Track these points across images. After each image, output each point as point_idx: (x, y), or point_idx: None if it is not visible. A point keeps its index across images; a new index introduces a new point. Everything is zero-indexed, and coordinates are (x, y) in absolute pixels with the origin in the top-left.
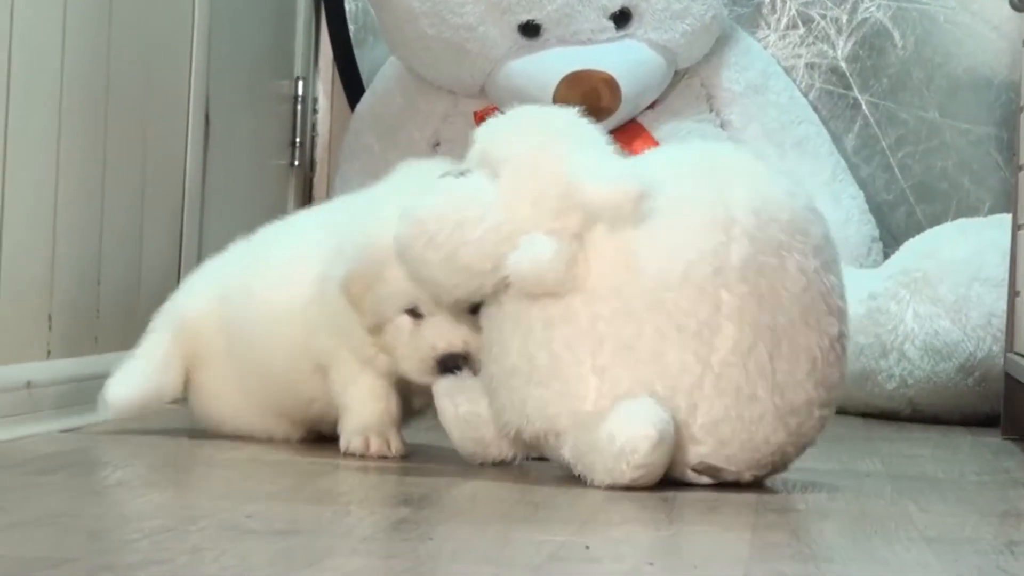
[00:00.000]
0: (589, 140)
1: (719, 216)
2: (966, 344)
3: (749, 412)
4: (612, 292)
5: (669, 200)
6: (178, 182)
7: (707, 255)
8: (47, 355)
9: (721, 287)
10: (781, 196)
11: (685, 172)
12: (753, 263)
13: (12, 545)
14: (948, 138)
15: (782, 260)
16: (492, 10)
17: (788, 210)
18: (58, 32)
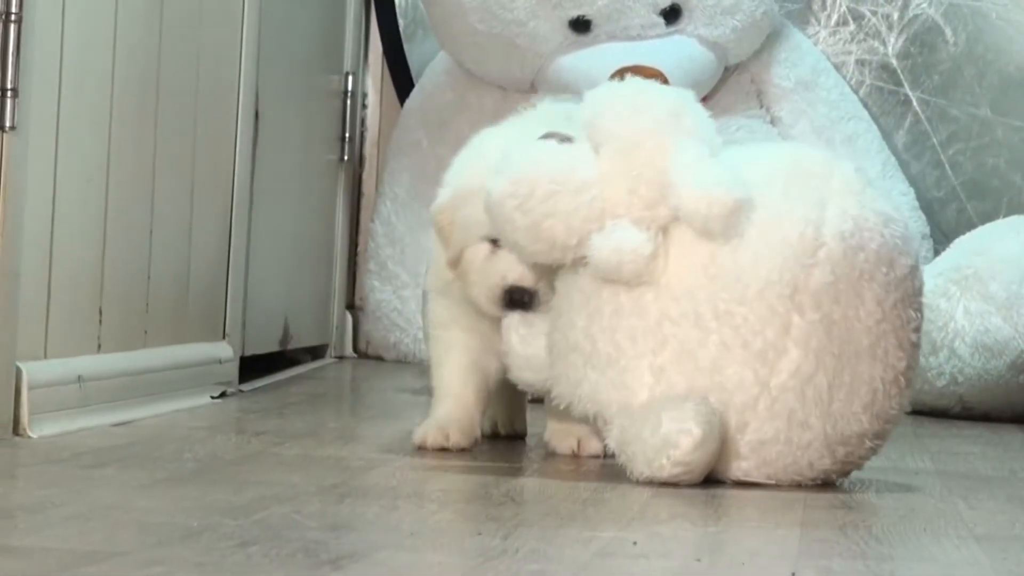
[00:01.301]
0: (699, 131)
1: (807, 236)
2: (1017, 341)
3: (798, 438)
4: (685, 294)
5: (759, 212)
6: (227, 177)
7: (786, 276)
8: (98, 349)
9: (794, 310)
10: (874, 221)
11: (779, 182)
12: (831, 290)
13: (63, 538)
14: (1000, 135)
15: (861, 291)
16: (542, 5)
17: (878, 238)
18: (109, 28)
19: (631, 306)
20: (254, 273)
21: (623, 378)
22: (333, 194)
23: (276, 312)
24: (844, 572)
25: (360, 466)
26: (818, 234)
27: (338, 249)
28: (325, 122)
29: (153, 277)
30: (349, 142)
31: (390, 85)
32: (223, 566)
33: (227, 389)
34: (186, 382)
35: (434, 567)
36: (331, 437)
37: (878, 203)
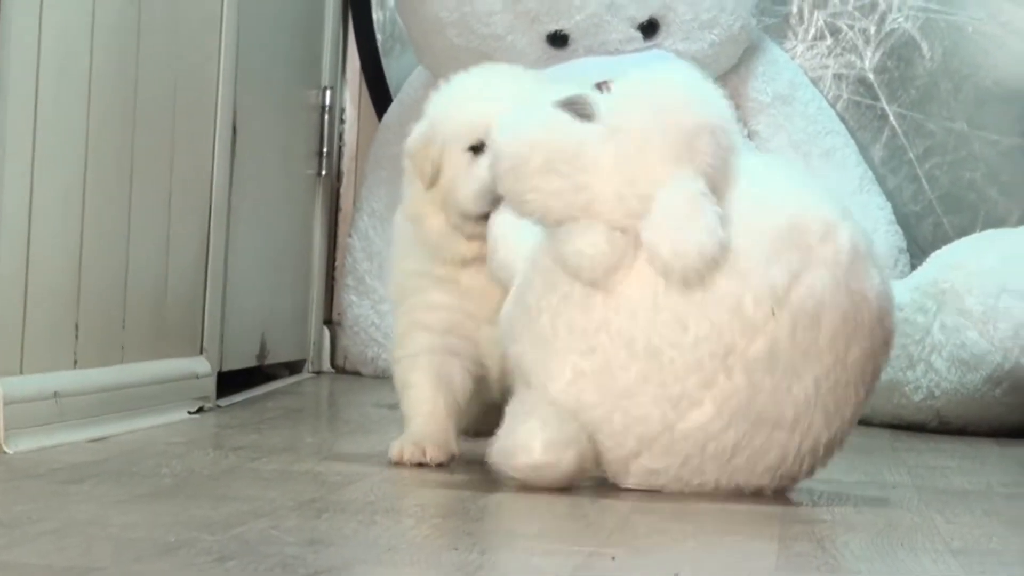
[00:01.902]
0: (714, 157)
1: (762, 306)
2: (994, 355)
3: (689, 477)
4: (629, 313)
5: (730, 264)
6: (205, 192)
7: (725, 337)
8: (74, 364)
9: (721, 370)
10: (845, 301)
11: (766, 241)
12: (767, 362)
13: (40, 554)
14: (976, 149)
15: (800, 369)
16: (520, 20)
17: (839, 320)
18: (86, 42)
19: (580, 299)
20: (231, 288)
21: (547, 361)
22: (311, 209)
23: (253, 327)
24: None
25: (338, 481)
26: (775, 306)
27: (316, 264)
28: (303, 137)
29: (130, 292)
30: (327, 157)
31: (368, 100)
32: None
33: (204, 404)
34: (163, 397)
35: None
36: (309, 452)
37: (861, 279)
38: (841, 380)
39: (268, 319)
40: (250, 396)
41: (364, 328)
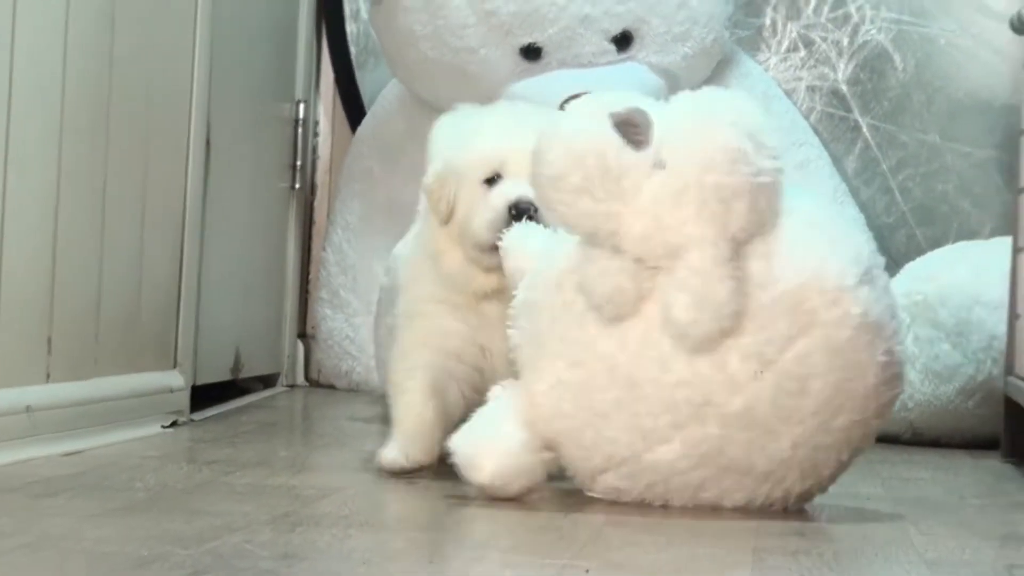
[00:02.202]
0: (749, 219)
1: (750, 366)
2: (966, 367)
3: (650, 495)
4: (619, 341)
5: None
6: (179, 205)
7: (705, 389)
8: (47, 379)
9: (695, 418)
10: (838, 369)
11: (767, 299)
12: (744, 418)
13: (14, 568)
14: (949, 161)
15: (777, 430)
16: (493, 33)
17: (830, 389)
18: (59, 56)
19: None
20: (205, 301)
21: (537, 361)
22: (284, 222)
23: (227, 341)
24: None
25: (312, 495)
26: (762, 368)
27: (290, 277)
28: (276, 150)
29: (103, 306)
30: (300, 170)
31: (341, 113)
32: None
33: (178, 418)
34: (137, 411)
35: None
36: (283, 466)
37: (861, 349)
38: (823, 444)
39: (242, 333)
40: (224, 410)
41: (338, 341)
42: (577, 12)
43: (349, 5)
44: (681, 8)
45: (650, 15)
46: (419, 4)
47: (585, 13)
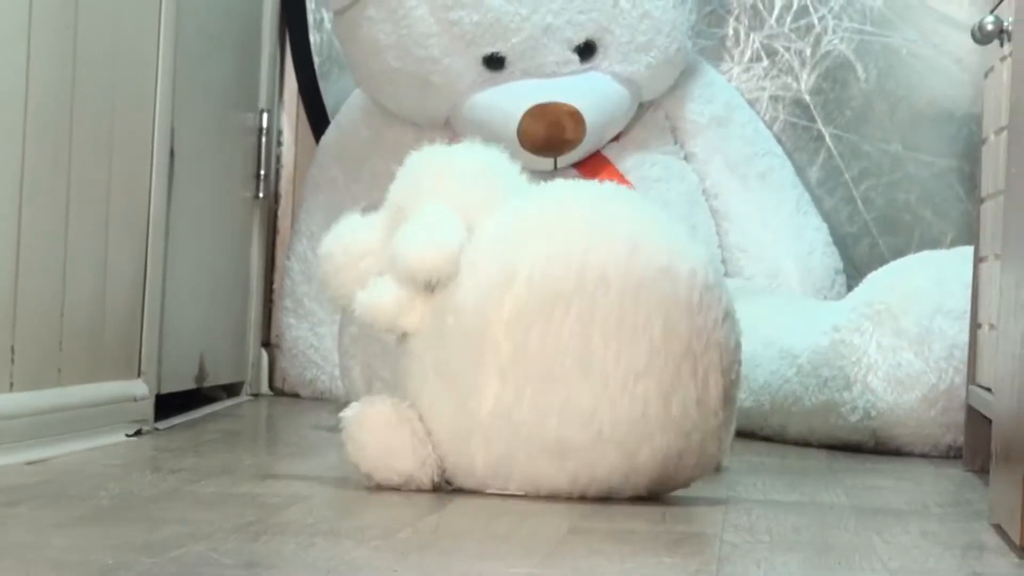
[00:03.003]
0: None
1: (502, 274)
2: (929, 376)
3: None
4: (426, 344)
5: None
6: (143, 214)
7: (486, 309)
8: (10, 388)
9: (499, 338)
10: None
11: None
12: (525, 317)
13: None
14: (911, 170)
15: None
16: (457, 43)
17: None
18: (22, 65)
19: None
20: (169, 310)
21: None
22: (249, 231)
23: (192, 349)
24: None
25: (277, 503)
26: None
27: (254, 286)
28: (240, 159)
29: (67, 315)
30: (264, 179)
31: (305, 122)
32: None
33: (142, 427)
34: (101, 420)
35: None
36: (247, 474)
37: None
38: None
39: (206, 341)
40: (188, 419)
41: (302, 350)
42: (540, 22)
43: (313, 15)
44: (644, 18)
45: (613, 25)
46: (383, 14)
47: (548, 23)
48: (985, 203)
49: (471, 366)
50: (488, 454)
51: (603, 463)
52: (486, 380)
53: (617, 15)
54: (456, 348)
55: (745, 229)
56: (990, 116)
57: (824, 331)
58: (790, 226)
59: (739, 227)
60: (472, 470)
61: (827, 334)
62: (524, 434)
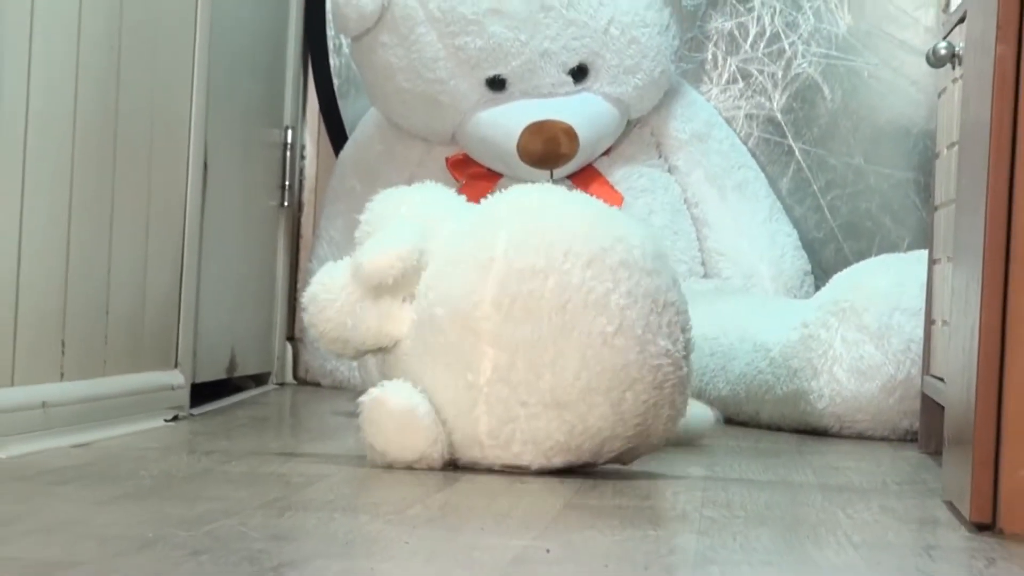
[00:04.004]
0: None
1: (481, 256)
2: (888, 367)
3: (525, 413)
4: (420, 338)
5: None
6: (179, 222)
7: (471, 291)
8: (60, 377)
9: (488, 313)
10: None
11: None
12: (508, 292)
13: (29, 549)
14: (872, 182)
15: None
16: (462, 66)
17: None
18: (71, 86)
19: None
20: (203, 307)
21: None
22: (274, 236)
23: (223, 343)
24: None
25: (300, 482)
26: (491, 253)
27: (279, 286)
28: (267, 171)
29: (111, 312)
30: (289, 189)
31: (326, 138)
32: (175, 574)
33: (179, 413)
34: (141, 407)
35: (366, 572)
36: (273, 456)
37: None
38: (581, 276)
39: (236, 335)
40: (221, 406)
41: None
42: (537, 47)
43: (332, 40)
44: (631, 44)
45: (603, 50)
46: (395, 40)
47: (545, 48)
48: (938, 211)
49: (466, 343)
50: (491, 419)
51: (594, 413)
52: (482, 352)
53: (607, 41)
54: (450, 331)
55: (723, 235)
56: (943, 132)
57: (794, 327)
58: (763, 232)
59: (717, 233)
60: (477, 438)
61: (797, 329)
62: (522, 393)
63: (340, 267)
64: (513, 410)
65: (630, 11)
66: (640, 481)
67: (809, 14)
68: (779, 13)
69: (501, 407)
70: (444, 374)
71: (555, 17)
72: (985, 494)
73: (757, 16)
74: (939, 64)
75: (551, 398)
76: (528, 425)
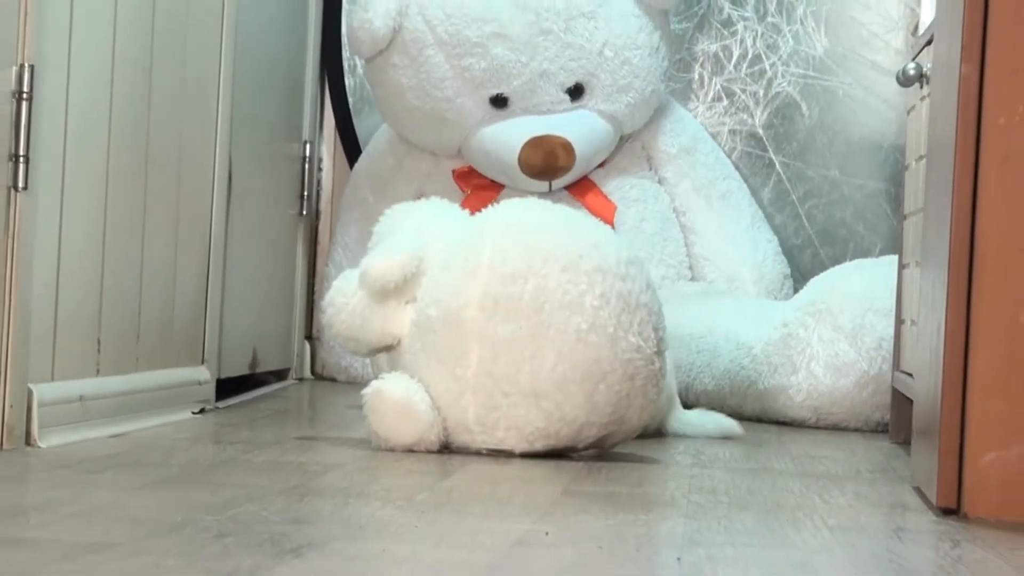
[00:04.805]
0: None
1: (469, 263)
2: (861, 364)
3: (507, 402)
4: (417, 336)
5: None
6: (205, 230)
7: (460, 294)
8: (97, 373)
9: (474, 315)
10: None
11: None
12: (491, 296)
13: (68, 531)
14: (846, 192)
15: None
16: (467, 85)
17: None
18: (106, 104)
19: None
20: (228, 308)
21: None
22: (294, 243)
23: (246, 341)
24: (720, 556)
25: (317, 470)
26: (479, 260)
27: (298, 288)
28: (287, 182)
29: (143, 313)
30: (307, 199)
31: (341, 152)
32: (202, 555)
33: (205, 406)
34: (171, 400)
35: (379, 553)
36: (293, 446)
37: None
38: (558, 280)
39: (259, 334)
40: (244, 399)
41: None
42: (537, 68)
43: (347, 62)
44: (624, 65)
45: (598, 70)
46: (406, 61)
47: (544, 68)
48: (907, 219)
49: (455, 340)
50: (477, 408)
51: (569, 402)
52: (468, 348)
53: (602, 62)
54: (441, 329)
55: (708, 241)
56: (912, 147)
57: (775, 326)
58: (746, 239)
59: (703, 239)
60: (466, 424)
61: (777, 329)
62: (504, 384)
63: (355, 274)
64: (496, 399)
65: (623, 35)
66: (632, 469)
67: (788, 37)
68: (760, 36)
69: (486, 396)
70: (437, 368)
71: (553, 40)
72: (951, 481)
73: (740, 39)
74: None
75: (530, 389)
76: (511, 413)
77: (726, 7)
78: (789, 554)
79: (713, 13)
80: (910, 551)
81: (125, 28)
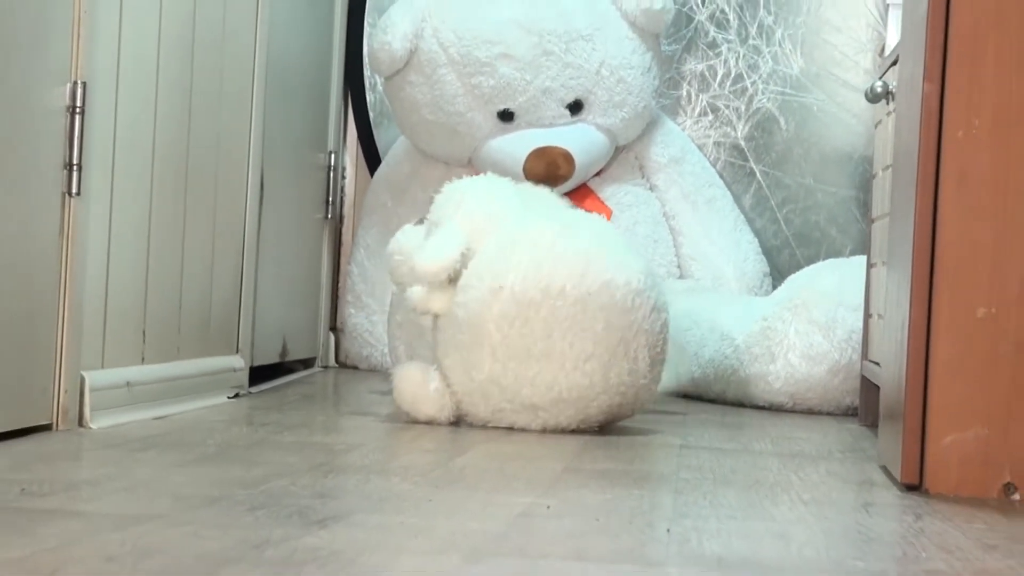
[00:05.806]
0: (459, 216)
1: (494, 285)
2: (833, 353)
3: (510, 408)
4: (446, 326)
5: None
6: (239, 232)
7: (483, 309)
8: (142, 361)
9: (491, 330)
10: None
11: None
12: (508, 316)
13: (116, 504)
14: (820, 198)
15: (536, 311)
16: (477, 101)
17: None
18: (151, 117)
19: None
20: (260, 303)
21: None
22: (320, 243)
23: (277, 332)
24: (705, 527)
25: (341, 449)
26: (503, 281)
27: (324, 285)
28: (313, 189)
29: (184, 307)
30: (331, 204)
31: (363, 161)
32: (237, 525)
33: (240, 391)
34: (209, 386)
35: (397, 525)
36: (319, 427)
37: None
38: (568, 311)
39: (288, 326)
40: (274, 385)
41: (360, 334)
42: (541, 85)
43: (368, 79)
44: (619, 83)
45: (596, 88)
46: (421, 79)
47: (547, 86)
48: (875, 223)
49: (473, 347)
50: (486, 407)
51: (563, 416)
52: (482, 357)
53: (599, 80)
54: (464, 333)
55: (695, 242)
56: (879, 157)
57: (755, 320)
58: (729, 240)
59: (691, 241)
60: (478, 414)
61: (757, 322)
62: (508, 396)
63: (413, 233)
64: (500, 405)
65: (618, 55)
66: (627, 449)
67: (768, 58)
68: (743, 57)
69: (493, 400)
70: (456, 364)
71: (555, 60)
72: (914, 460)
73: (724, 60)
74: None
75: (529, 403)
76: (511, 417)
77: (711, 31)
78: (768, 525)
79: (700, 36)
80: (877, 523)
81: (168, 48)
